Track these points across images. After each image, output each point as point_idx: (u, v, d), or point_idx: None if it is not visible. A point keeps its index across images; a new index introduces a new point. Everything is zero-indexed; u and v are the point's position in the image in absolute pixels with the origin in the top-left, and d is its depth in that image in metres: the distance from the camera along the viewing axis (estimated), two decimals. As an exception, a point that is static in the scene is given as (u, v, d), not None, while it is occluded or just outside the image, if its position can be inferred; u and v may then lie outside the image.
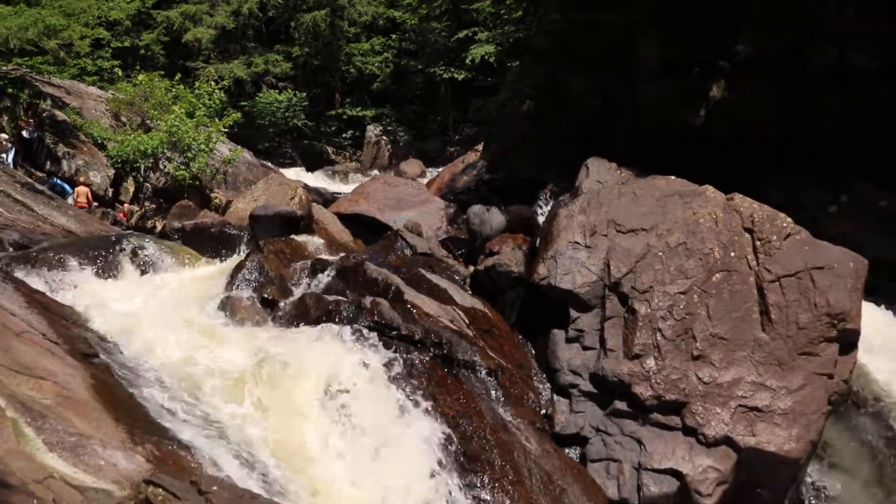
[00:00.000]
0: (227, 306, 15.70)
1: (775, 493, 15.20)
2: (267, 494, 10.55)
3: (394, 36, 60.29)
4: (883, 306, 18.33)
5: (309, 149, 57.83)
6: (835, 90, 19.96)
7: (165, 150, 32.20)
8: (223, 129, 34.38)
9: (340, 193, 31.22)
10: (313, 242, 19.16)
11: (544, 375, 16.34)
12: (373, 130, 57.98)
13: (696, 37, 21.41)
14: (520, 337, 17.11)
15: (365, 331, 14.53)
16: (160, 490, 8.70)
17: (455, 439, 13.45)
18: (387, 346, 14.42)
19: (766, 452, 14.84)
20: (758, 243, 16.34)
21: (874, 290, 16.89)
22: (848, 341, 15.70)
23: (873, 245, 17.88)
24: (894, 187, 19.50)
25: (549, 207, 19.39)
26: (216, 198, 31.89)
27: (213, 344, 14.23)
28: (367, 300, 15.29)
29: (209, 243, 20.39)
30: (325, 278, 16.53)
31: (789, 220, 16.59)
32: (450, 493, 12.77)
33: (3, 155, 30.32)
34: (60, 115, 36.65)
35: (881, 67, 19.41)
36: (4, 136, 32.07)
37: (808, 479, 16.51)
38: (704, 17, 21.39)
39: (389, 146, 57.21)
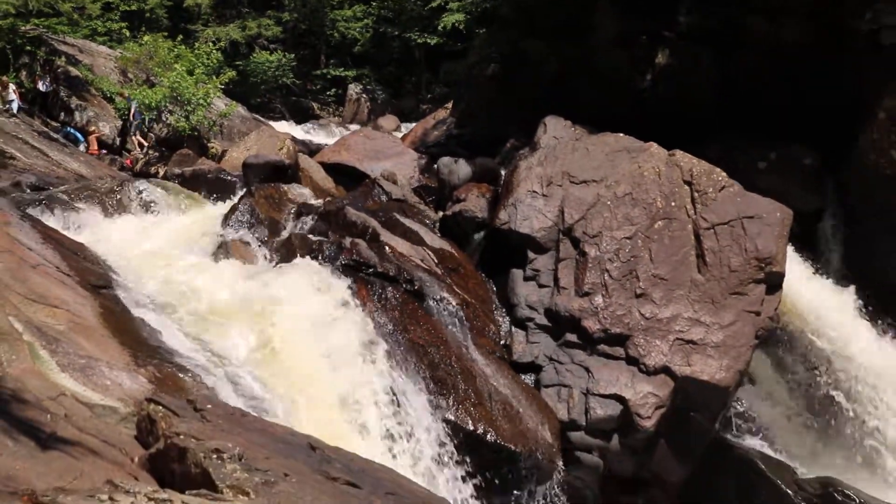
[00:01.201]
0: (222, 244, 15.71)
1: (707, 416, 15.35)
2: (255, 413, 10.56)
3: (374, 4, 59.85)
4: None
5: (296, 104, 57.55)
6: (767, 59, 19.94)
7: (168, 104, 32.05)
8: (220, 86, 34.15)
9: (324, 145, 31.06)
10: (299, 188, 19.08)
11: (504, 310, 16.39)
12: (354, 89, 57.80)
13: (645, 9, 21.36)
14: (483, 275, 17.15)
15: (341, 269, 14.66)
16: (160, 408, 8.71)
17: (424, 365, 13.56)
18: (365, 282, 14.51)
19: (700, 381, 14.98)
20: (695, 194, 16.44)
21: (794, 235, 17.01)
22: (774, 282, 15.87)
23: (796, 197, 17.96)
24: (817, 147, 19.57)
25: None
26: (213, 147, 31.72)
27: (208, 277, 14.24)
28: (347, 240, 15.32)
29: (206, 188, 20.30)
30: (309, 221, 16.53)
31: (724, 174, 16.73)
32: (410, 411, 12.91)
33: (9, 104, 30.16)
34: (74, 71, 36.59)
35: (809, 40, 19.40)
36: (13, 86, 31.83)
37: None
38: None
39: (368, 103, 57.04)
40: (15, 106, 30.59)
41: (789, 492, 15.54)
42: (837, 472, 16.32)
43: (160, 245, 15.89)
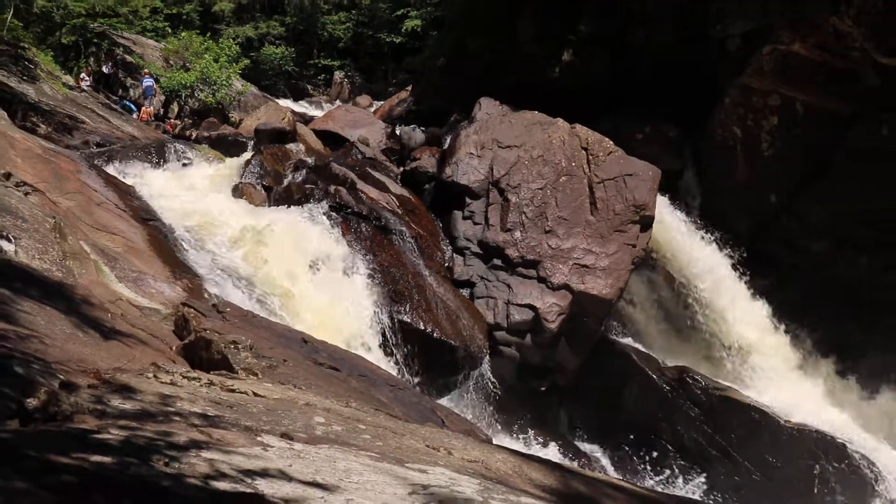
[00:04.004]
0: (238, 189, 15.74)
1: (596, 321, 15.63)
2: (263, 314, 10.62)
3: (354, 11, 59.34)
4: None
5: (295, 86, 56.90)
6: (645, 57, 19.98)
7: (199, 84, 31.91)
8: (238, 71, 33.97)
9: (316, 116, 30.86)
10: (297, 148, 19.01)
11: (447, 241, 16.47)
12: (338, 75, 57.34)
13: (555, 15, 21.29)
14: (432, 215, 17.19)
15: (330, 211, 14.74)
16: (192, 310, 8.77)
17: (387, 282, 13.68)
18: (345, 219, 14.60)
19: (591, 295, 15.22)
20: (590, 157, 16.62)
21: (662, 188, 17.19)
22: (646, 223, 16.13)
23: (664, 160, 18.06)
24: (680, 123, 19.66)
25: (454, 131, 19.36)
26: (232, 117, 31.47)
27: (227, 214, 14.26)
28: (332, 188, 15.41)
29: (227, 147, 20.14)
30: (304, 172, 16.51)
31: (611, 142, 16.98)
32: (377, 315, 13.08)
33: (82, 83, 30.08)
34: (129, 58, 36.35)
35: (675, 43, 19.45)
36: (84, 75, 31.84)
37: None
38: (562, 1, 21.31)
39: (349, 86, 56.57)
40: (85, 84, 30.50)
41: (654, 376, 15.88)
42: (689, 362, 16.64)
43: (192, 189, 15.86)
